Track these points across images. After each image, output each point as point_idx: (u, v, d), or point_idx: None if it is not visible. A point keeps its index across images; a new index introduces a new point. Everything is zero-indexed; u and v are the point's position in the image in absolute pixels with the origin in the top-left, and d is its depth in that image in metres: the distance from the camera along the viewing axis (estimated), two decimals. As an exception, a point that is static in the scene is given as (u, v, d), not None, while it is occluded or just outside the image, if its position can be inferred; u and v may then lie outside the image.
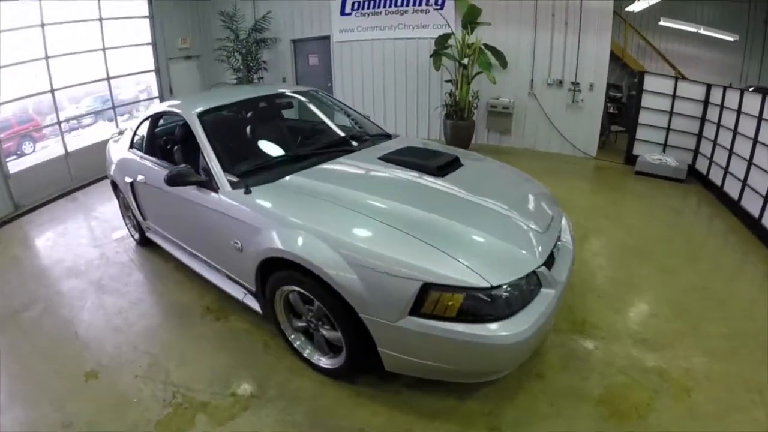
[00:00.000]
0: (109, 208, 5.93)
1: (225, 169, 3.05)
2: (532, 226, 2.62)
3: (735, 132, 6.49)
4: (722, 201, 6.49)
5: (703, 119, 7.67)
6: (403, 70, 9.01)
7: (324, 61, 9.69)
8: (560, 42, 8.12)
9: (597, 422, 2.43)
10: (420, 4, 8.40)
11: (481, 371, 2.34)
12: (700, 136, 7.74)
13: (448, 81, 8.34)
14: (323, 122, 4.20)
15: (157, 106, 4.26)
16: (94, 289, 4.13)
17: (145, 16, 9.16)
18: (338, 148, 3.59)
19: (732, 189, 6.28)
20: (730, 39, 11.17)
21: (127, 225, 5.06)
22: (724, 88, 7.21)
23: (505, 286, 2.12)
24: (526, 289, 2.23)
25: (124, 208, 4.93)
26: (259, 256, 2.71)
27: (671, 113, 7.90)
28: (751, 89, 8.92)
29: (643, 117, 8.08)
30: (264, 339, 3.29)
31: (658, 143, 8.12)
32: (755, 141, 5.87)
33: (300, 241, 2.45)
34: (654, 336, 3.20)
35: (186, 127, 3.47)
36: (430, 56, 8.10)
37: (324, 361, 2.86)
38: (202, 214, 3.15)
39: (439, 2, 8.24)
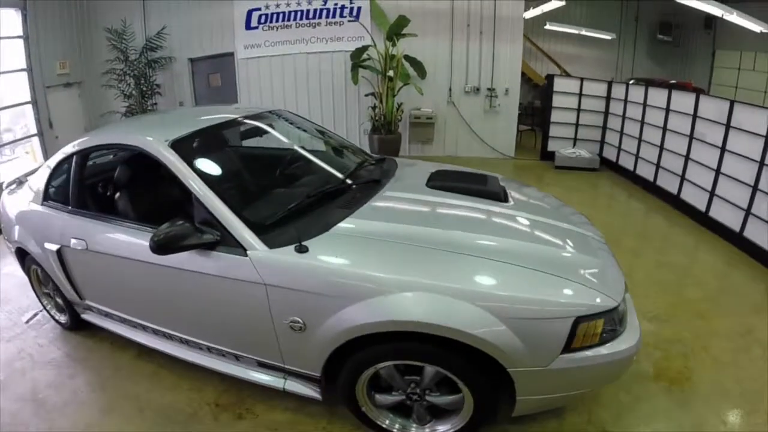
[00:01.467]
0: (5, 280, 4.73)
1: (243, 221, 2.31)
2: (601, 240, 2.74)
3: (642, 122, 7.49)
4: (636, 182, 7.74)
5: (606, 112, 8.68)
6: (317, 86, 8.67)
7: (227, 80, 8.90)
8: (476, 50, 8.49)
9: (665, 394, 2.88)
10: (334, 16, 8.14)
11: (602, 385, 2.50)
12: (605, 128, 8.77)
13: (368, 95, 8.23)
14: (319, 149, 3.55)
15: (85, 141, 3.13)
16: (33, 411, 2.82)
17: (18, 36, 7.60)
18: (362, 178, 3.00)
19: (645, 171, 7.44)
20: (608, 37, 12.56)
21: (44, 305, 3.85)
22: (627, 84, 8.26)
23: (621, 302, 2.18)
24: None
25: (40, 283, 3.75)
26: (343, 335, 2.09)
27: (579, 110, 8.78)
28: (631, 81, 10.10)
29: (555, 116, 8.87)
30: (323, 426, 2.64)
31: (569, 138, 9.00)
32: (664, 128, 6.88)
33: (421, 303, 1.97)
34: (657, 311, 3.75)
35: (135, 164, 2.97)
36: (352, 69, 7.90)
37: (430, 427, 2.42)
38: (211, 287, 2.35)
39: (354, 14, 8.06)
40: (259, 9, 8.26)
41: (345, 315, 2.03)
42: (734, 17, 8.47)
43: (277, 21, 8.28)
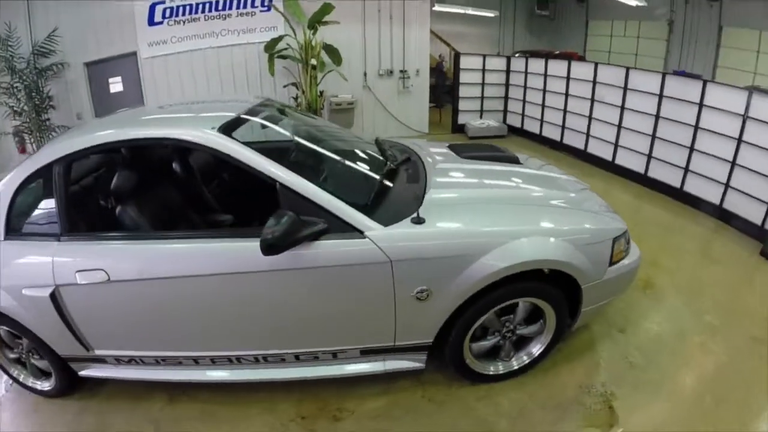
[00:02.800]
0: None
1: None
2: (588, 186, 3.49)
3: (544, 91, 8.65)
4: (543, 143, 8.86)
5: (507, 84, 9.73)
6: (231, 80, 8.37)
7: (131, 84, 8.03)
8: (387, 35, 8.88)
9: (644, 296, 3.89)
10: (245, 7, 7.81)
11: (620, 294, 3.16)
12: (506, 99, 9.85)
13: (287, 85, 8.25)
14: (336, 134, 3.56)
15: (67, 145, 2.49)
16: None
17: None
18: (400, 158, 3.10)
19: (551, 133, 8.64)
20: (491, 15, 13.67)
21: (13, 376, 2.98)
22: (527, 58, 9.30)
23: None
24: None
25: (4, 346, 2.91)
26: (475, 286, 2.33)
27: (483, 84, 9.69)
28: (516, 55, 11.23)
29: (462, 91, 9.70)
30: (420, 395, 2.81)
31: (475, 111, 9.92)
32: (566, 94, 8.08)
33: (534, 245, 2.44)
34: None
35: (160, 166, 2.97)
36: (268, 60, 7.84)
37: (510, 364, 2.89)
38: (317, 281, 2.30)
39: (266, 3, 7.93)
40: (163, 2, 7.63)
41: (474, 269, 2.30)
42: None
43: (183, 14, 7.71)
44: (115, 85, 8.10)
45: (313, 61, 7.69)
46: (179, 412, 2.78)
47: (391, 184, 2.70)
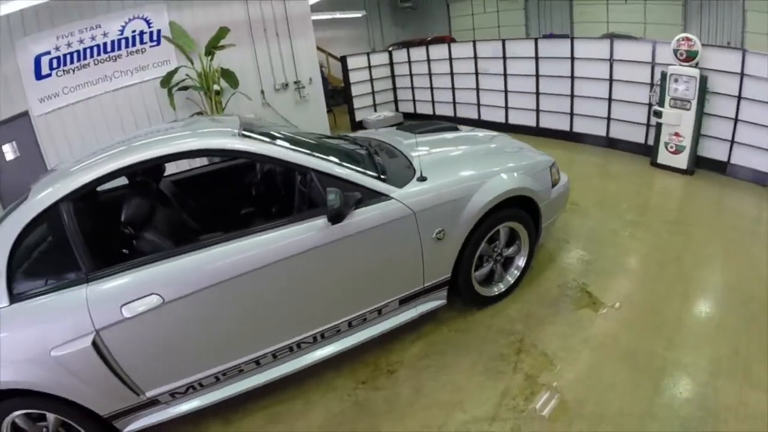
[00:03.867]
0: None
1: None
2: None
3: (430, 75, 9.69)
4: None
5: (393, 76, 10.68)
6: (132, 120, 8.18)
7: (27, 147, 7.37)
8: (276, 51, 9.20)
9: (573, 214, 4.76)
10: (134, 45, 7.59)
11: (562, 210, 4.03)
12: (395, 89, 10.81)
13: (193, 115, 8.31)
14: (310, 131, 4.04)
15: (85, 173, 2.42)
16: None
17: None
18: (372, 144, 3.75)
19: (444, 110, 9.65)
20: (359, 15, 14.51)
21: None
22: (408, 48, 10.32)
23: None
24: None
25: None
26: (479, 213, 3.05)
27: (371, 80, 10.50)
28: (392, 48, 12.20)
29: (354, 90, 10.39)
30: (455, 328, 3.38)
31: (369, 106, 10.70)
32: (451, 73, 9.14)
33: (511, 179, 3.25)
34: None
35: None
36: (168, 95, 7.86)
37: (507, 280, 3.64)
38: (363, 242, 2.71)
39: (155, 38, 7.89)
40: (48, 52, 7.18)
41: (473, 202, 3.04)
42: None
43: (72, 62, 7.29)
44: (11, 152, 7.33)
45: (216, 87, 7.87)
46: (244, 426, 2.83)
47: (382, 161, 3.27)
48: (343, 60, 10.32)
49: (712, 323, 3.18)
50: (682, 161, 5.57)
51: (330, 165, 2.72)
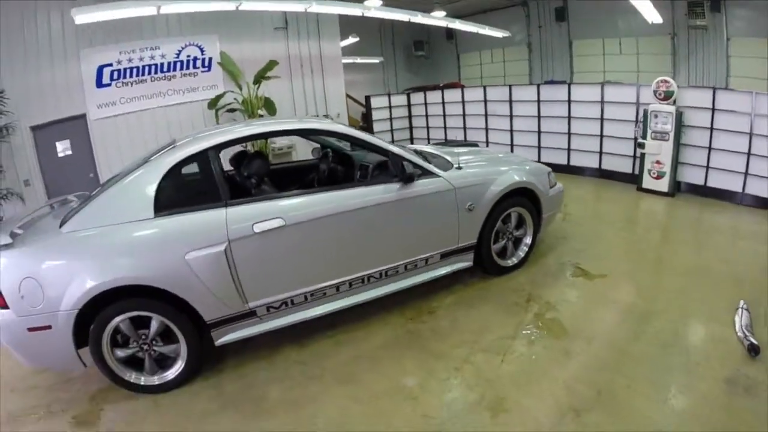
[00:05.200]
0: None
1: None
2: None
3: (444, 115, 10.77)
4: None
5: (410, 116, 11.87)
6: (179, 135, 9.13)
7: (80, 147, 8.25)
8: (310, 86, 10.35)
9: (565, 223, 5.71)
10: (188, 68, 8.75)
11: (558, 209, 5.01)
12: (411, 128, 11.95)
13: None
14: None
15: (228, 135, 3.40)
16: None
17: None
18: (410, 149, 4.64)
19: None
20: (378, 61, 15.91)
21: (126, 378, 3.11)
22: (424, 91, 11.48)
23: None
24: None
25: (117, 344, 3.06)
26: (496, 196, 4.04)
27: (391, 119, 11.68)
28: (406, 92, 13.39)
29: (375, 127, 11.49)
30: (479, 286, 4.27)
31: (388, 141, 11.58)
32: (463, 114, 10.12)
33: (517, 175, 4.25)
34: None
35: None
36: (215, 117, 8.79)
37: (518, 254, 4.56)
38: (420, 203, 3.69)
39: (206, 64, 8.99)
40: (111, 65, 8.16)
41: (492, 189, 4.07)
42: (469, 27, 12.42)
43: (131, 76, 8.35)
44: (64, 149, 8.23)
45: (260, 112, 8.85)
46: (315, 350, 3.49)
47: (431, 159, 4.32)
48: (367, 99, 11.60)
49: (677, 285, 4.11)
50: (663, 185, 6.64)
51: (402, 150, 3.82)
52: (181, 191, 3.33)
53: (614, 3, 11.61)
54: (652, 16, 10.94)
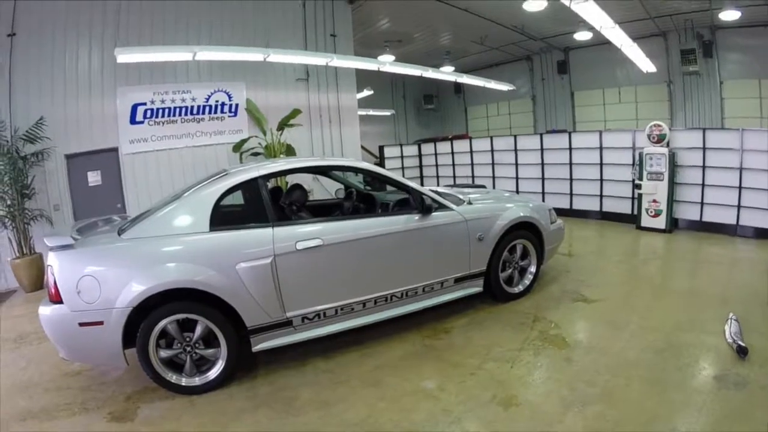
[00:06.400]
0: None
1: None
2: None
3: (453, 165, 11.39)
4: None
5: (420, 165, 12.52)
6: (204, 175, 9.40)
7: (110, 178, 8.51)
8: (328, 134, 10.97)
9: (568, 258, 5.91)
10: (215, 112, 9.35)
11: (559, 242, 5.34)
12: (422, 177, 12.49)
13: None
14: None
15: (278, 164, 4.21)
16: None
17: None
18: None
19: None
20: (389, 113, 16.67)
21: (168, 379, 3.37)
22: (435, 144, 12.11)
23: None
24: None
25: (161, 345, 3.36)
26: (502, 229, 4.47)
27: (403, 168, 12.26)
28: (415, 143, 13.99)
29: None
30: (487, 310, 4.57)
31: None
32: (471, 164, 10.71)
33: (522, 210, 4.72)
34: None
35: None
36: (240, 159, 9.25)
37: (524, 282, 4.89)
38: (436, 233, 4.13)
39: (233, 110, 9.62)
40: (145, 104, 8.68)
41: (498, 222, 4.53)
42: (476, 81, 13.20)
43: (162, 116, 8.87)
44: (94, 179, 8.55)
45: (282, 156, 9.34)
46: (341, 361, 3.81)
47: (444, 196, 4.76)
48: (380, 149, 12.30)
49: (670, 306, 4.47)
50: (661, 222, 7.08)
51: (421, 188, 4.32)
52: (233, 212, 3.88)
53: (612, 54, 12.30)
54: (646, 65, 11.71)
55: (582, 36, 12.43)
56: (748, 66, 11.41)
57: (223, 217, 3.54)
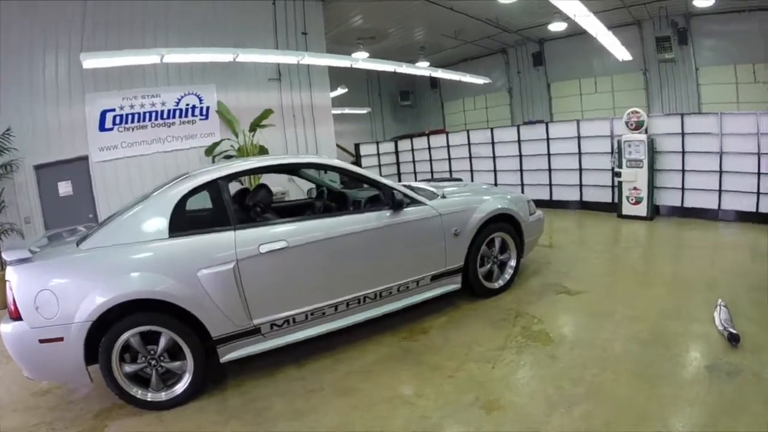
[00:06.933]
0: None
1: None
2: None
3: (431, 160, 11.15)
4: None
5: (398, 162, 12.35)
6: None
7: (81, 187, 8.19)
8: (302, 134, 10.70)
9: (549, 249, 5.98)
10: (186, 116, 9.03)
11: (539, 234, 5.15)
12: (399, 174, 12.36)
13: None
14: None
15: (242, 163, 3.98)
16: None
17: None
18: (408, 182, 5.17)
19: None
20: (365, 112, 16.43)
21: (132, 394, 3.12)
22: (411, 138, 11.96)
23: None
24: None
25: (123, 362, 3.11)
26: (477, 225, 4.25)
27: (380, 166, 12.09)
28: (391, 139, 13.82)
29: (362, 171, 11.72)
30: (470, 307, 4.37)
31: None
32: (449, 158, 10.52)
33: (499, 202, 4.51)
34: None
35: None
36: (213, 162, 8.97)
37: (504, 277, 4.70)
38: (409, 229, 3.92)
39: (204, 113, 9.28)
40: (114, 110, 8.39)
41: (475, 216, 4.31)
42: (452, 75, 13.10)
43: (132, 122, 8.57)
44: (65, 189, 8.28)
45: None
46: (314, 368, 3.56)
47: (418, 191, 4.54)
48: (356, 146, 12.08)
49: (655, 294, 4.33)
50: (642, 210, 6.98)
51: (391, 183, 4.06)
52: (194, 216, 3.60)
53: (587, 44, 12.25)
54: (622, 54, 11.63)
55: (557, 27, 12.32)
56: (723, 52, 11.41)
57: (183, 223, 3.29)
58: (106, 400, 3.30)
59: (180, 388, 3.22)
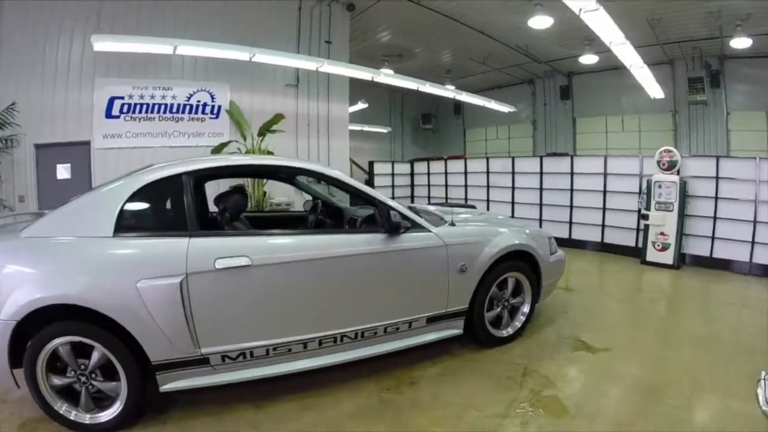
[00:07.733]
0: None
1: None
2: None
3: (446, 186, 10.53)
4: None
5: (412, 185, 11.70)
6: None
7: (80, 173, 7.69)
8: (315, 144, 10.20)
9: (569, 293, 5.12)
10: (196, 113, 8.63)
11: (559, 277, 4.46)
12: (413, 196, 11.68)
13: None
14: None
15: (215, 160, 3.53)
16: None
17: None
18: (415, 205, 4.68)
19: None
20: (385, 131, 15.89)
21: (56, 409, 2.59)
22: (428, 163, 11.35)
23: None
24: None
25: (55, 370, 2.61)
26: (491, 258, 3.56)
27: (393, 186, 11.47)
28: (408, 161, 13.24)
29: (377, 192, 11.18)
30: (466, 355, 3.68)
31: None
32: (465, 185, 9.91)
33: (515, 236, 3.82)
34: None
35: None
36: None
37: (514, 324, 3.96)
38: (408, 261, 3.25)
39: (215, 112, 8.86)
40: (122, 98, 8.02)
41: (487, 250, 3.58)
42: (477, 100, 12.52)
43: (140, 112, 8.18)
44: (63, 172, 7.96)
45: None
46: (273, 413, 2.89)
47: (423, 215, 3.85)
48: (370, 164, 11.52)
49: (686, 358, 3.61)
50: (668, 257, 6.22)
51: (390, 201, 3.31)
52: (147, 215, 2.91)
53: (617, 81, 11.74)
54: (655, 91, 10.99)
55: (587, 59, 11.65)
56: (756, 97, 10.73)
57: (132, 221, 2.73)
58: (36, 407, 2.66)
59: (107, 416, 2.64)
